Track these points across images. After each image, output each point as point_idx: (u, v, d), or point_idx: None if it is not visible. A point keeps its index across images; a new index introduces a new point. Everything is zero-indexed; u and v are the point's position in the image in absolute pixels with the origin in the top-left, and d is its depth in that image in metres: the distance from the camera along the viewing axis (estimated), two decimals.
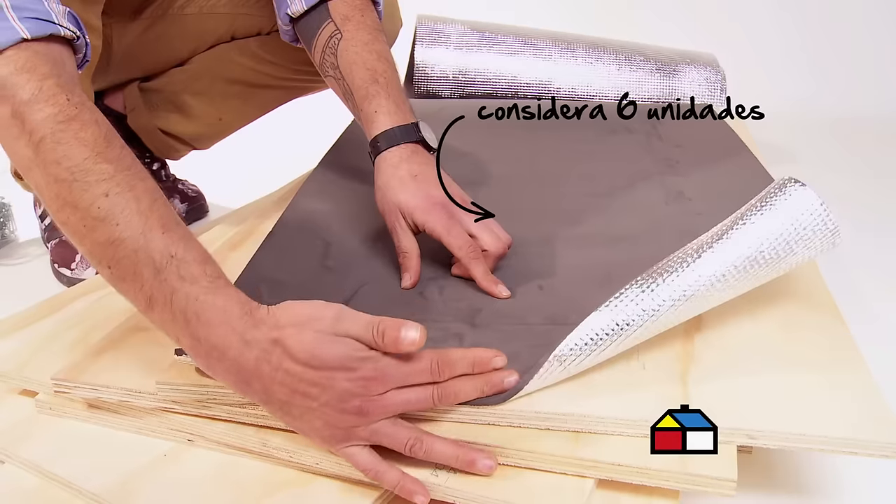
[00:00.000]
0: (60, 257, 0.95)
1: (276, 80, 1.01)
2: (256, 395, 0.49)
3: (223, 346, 0.49)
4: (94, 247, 0.51)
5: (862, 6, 1.81)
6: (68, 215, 0.51)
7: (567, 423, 0.50)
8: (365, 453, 0.49)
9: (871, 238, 1.02)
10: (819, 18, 1.82)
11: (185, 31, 0.99)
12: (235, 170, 1.35)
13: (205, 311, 0.49)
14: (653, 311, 0.51)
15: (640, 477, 0.47)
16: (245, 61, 1.00)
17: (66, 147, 0.51)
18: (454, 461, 0.49)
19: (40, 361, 0.63)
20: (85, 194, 0.50)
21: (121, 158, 0.52)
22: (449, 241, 0.64)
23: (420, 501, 0.48)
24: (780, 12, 1.84)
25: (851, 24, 1.81)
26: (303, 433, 0.51)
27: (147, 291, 0.50)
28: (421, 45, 1.23)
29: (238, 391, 0.50)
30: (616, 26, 1.55)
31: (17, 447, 0.57)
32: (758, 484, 0.55)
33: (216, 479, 0.53)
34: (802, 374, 0.53)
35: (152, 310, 0.50)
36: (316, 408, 0.48)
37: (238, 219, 0.93)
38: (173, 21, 0.97)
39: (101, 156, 0.51)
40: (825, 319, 0.59)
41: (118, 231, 0.50)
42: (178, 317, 0.49)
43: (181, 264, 0.50)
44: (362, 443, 0.49)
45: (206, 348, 0.49)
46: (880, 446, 0.46)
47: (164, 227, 0.51)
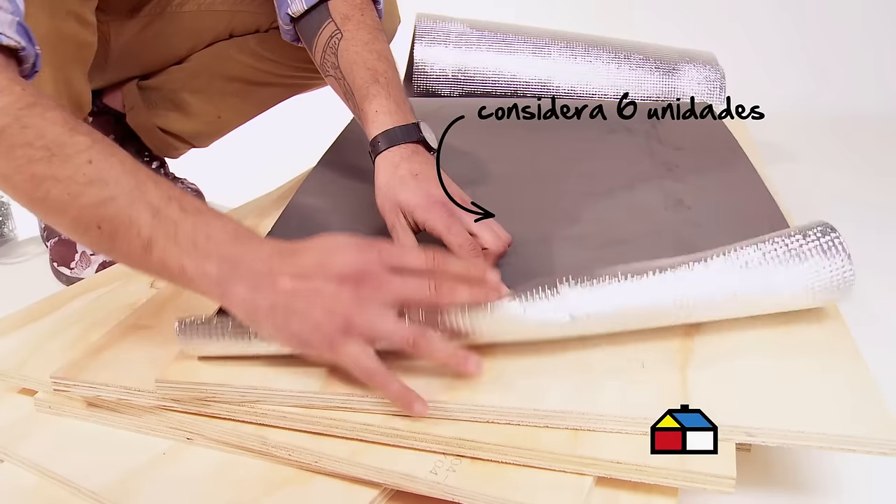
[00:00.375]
0: (60, 256, 0.95)
1: (275, 78, 1.02)
2: (265, 297, 0.49)
3: (236, 255, 0.50)
4: (81, 211, 0.50)
5: (862, 5, 1.81)
6: (48, 189, 0.50)
7: (566, 420, 0.50)
8: (369, 354, 0.50)
9: (871, 236, 1.02)
10: (819, 18, 1.82)
11: (184, 28, 0.99)
12: (234, 168, 1.35)
13: (216, 231, 0.51)
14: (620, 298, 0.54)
15: (639, 474, 0.47)
16: (244, 59, 1.00)
17: (35, 128, 0.50)
18: (451, 360, 0.51)
19: (39, 360, 0.63)
20: (66, 165, 0.50)
21: (93, 132, 0.52)
22: (449, 239, 0.64)
23: (419, 410, 0.50)
24: (780, 12, 1.84)
25: (851, 24, 1.81)
26: (304, 336, 0.50)
27: (145, 235, 0.50)
28: (420, 44, 1.23)
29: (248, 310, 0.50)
30: (616, 26, 1.55)
31: (17, 446, 0.57)
32: (756, 482, 0.55)
33: (215, 478, 0.53)
34: (801, 371, 0.53)
35: (151, 252, 0.50)
36: (317, 289, 0.49)
37: (237, 217, 0.93)
38: (171, 19, 0.97)
39: (73, 130, 0.51)
40: (824, 317, 0.59)
41: (108, 190, 0.50)
42: (185, 244, 0.50)
43: (182, 200, 0.51)
44: (363, 342, 0.50)
45: (217, 264, 0.50)
46: (878, 443, 0.47)
47: (155, 181, 0.52)
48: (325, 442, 0.52)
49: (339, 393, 0.53)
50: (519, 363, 0.55)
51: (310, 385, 0.53)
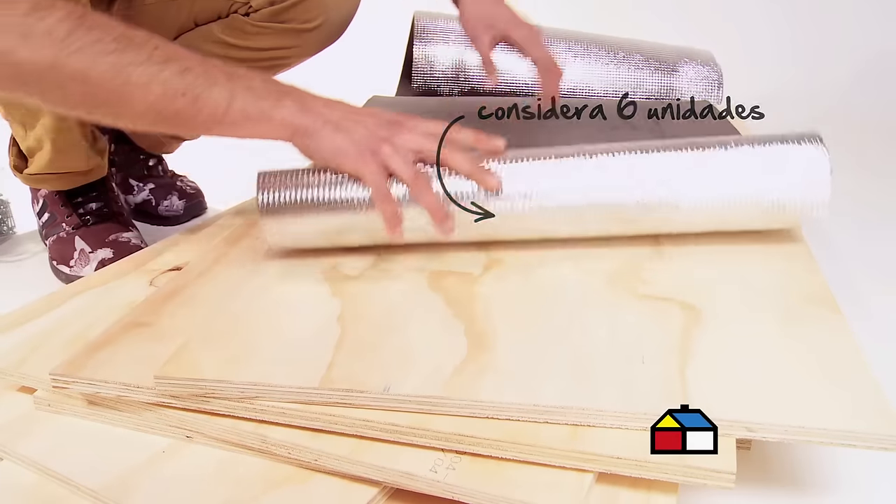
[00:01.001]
0: (59, 254, 0.95)
1: (245, 62, 1.01)
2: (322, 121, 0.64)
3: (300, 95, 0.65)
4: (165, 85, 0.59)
5: (861, 5, 1.81)
6: (129, 73, 0.57)
7: (566, 416, 0.50)
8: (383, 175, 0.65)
9: (871, 236, 1.02)
10: (819, 17, 1.82)
11: (150, 20, 0.96)
12: (234, 167, 1.35)
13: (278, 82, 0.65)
14: None
15: (639, 470, 0.47)
16: (211, 48, 0.99)
17: (100, 28, 0.57)
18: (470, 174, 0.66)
19: (38, 358, 0.63)
20: (140, 51, 0.58)
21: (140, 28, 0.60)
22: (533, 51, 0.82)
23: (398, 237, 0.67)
24: (780, 12, 1.84)
25: (851, 23, 1.81)
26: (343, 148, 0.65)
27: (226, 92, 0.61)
28: (420, 42, 1.23)
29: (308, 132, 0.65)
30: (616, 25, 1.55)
31: (16, 444, 0.57)
32: (755, 479, 0.55)
33: (215, 476, 0.53)
34: (801, 367, 0.53)
35: (232, 105, 0.61)
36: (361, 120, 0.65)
37: (237, 215, 0.93)
38: (139, 11, 0.95)
39: (130, 28, 0.59)
40: (824, 313, 0.59)
41: (183, 63, 0.60)
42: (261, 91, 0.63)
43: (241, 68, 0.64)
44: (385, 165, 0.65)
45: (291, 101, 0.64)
46: (879, 438, 0.46)
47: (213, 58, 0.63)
48: (325, 440, 0.52)
49: (338, 389, 0.53)
50: (519, 358, 0.55)
51: (309, 381, 0.53)
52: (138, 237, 0.96)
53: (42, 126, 0.87)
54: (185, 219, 1.12)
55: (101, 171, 0.97)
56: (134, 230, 0.97)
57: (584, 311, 0.61)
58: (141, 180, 1.13)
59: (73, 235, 0.95)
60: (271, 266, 0.72)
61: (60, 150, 0.90)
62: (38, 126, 0.87)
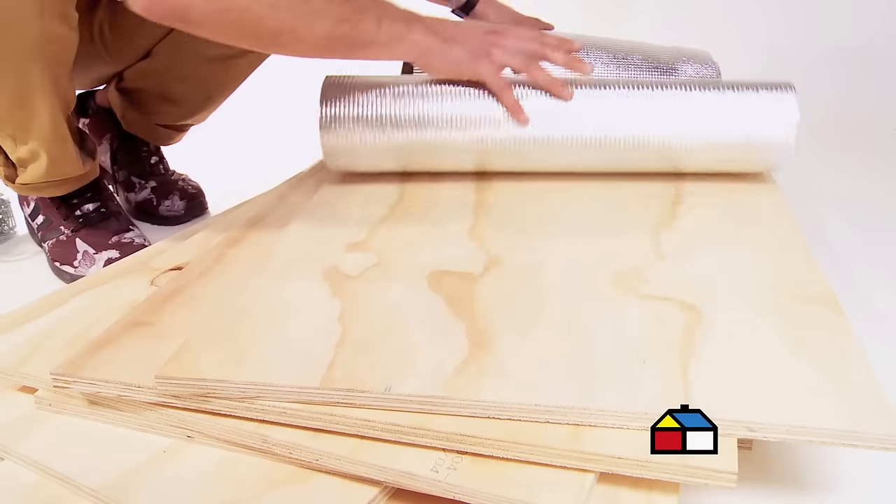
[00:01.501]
0: (61, 256, 0.95)
1: (237, 50, 1.01)
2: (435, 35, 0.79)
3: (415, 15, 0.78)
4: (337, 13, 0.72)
5: (861, 5, 1.81)
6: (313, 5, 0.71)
7: (567, 416, 0.50)
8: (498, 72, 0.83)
9: (871, 235, 1.02)
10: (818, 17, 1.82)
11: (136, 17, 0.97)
12: (235, 166, 1.35)
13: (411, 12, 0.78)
14: None
15: (640, 470, 0.47)
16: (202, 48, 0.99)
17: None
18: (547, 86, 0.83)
19: (39, 358, 0.63)
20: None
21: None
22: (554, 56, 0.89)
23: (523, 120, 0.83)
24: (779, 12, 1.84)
25: (851, 23, 1.81)
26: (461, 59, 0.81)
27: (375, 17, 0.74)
28: None
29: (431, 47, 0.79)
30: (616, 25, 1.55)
31: (16, 443, 0.57)
32: (757, 479, 0.55)
33: (216, 476, 0.53)
34: (802, 367, 0.53)
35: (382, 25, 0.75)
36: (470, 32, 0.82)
37: (237, 215, 0.93)
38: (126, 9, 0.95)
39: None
40: (825, 313, 0.59)
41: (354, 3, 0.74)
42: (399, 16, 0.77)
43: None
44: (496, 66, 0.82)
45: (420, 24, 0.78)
46: (880, 438, 0.47)
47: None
48: (326, 440, 0.52)
49: (339, 389, 0.53)
50: (520, 358, 0.55)
51: (310, 381, 0.53)
52: (140, 236, 0.96)
53: (36, 140, 0.86)
54: (186, 219, 1.12)
55: (95, 172, 0.97)
56: (134, 229, 0.97)
57: (585, 310, 0.61)
58: (143, 178, 1.13)
59: (74, 238, 0.94)
60: (272, 266, 0.72)
61: (56, 160, 0.89)
62: (32, 141, 0.86)
